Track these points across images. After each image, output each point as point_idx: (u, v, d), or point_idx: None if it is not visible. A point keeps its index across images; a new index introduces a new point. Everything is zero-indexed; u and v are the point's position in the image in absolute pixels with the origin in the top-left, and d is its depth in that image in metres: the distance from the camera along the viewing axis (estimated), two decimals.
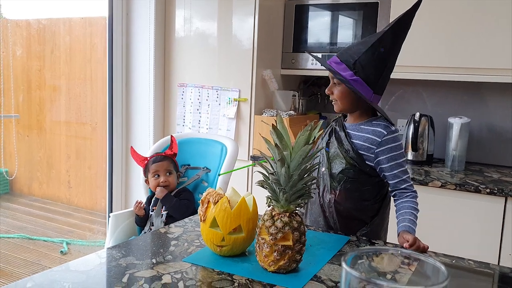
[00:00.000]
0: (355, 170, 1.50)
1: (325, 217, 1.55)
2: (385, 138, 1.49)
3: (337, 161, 1.52)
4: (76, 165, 4.71)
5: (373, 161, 1.50)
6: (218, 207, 1.19)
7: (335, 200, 1.52)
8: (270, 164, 1.15)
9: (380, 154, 1.49)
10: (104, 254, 1.21)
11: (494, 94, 2.76)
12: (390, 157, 1.49)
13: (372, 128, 1.51)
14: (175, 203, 2.04)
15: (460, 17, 2.43)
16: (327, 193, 1.53)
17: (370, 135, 1.50)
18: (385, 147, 1.49)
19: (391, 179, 1.51)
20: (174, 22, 2.99)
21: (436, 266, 0.60)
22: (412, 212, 1.48)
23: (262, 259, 1.14)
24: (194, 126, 2.96)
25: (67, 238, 3.86)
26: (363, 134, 1.52)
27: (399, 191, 1.52)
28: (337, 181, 1.51)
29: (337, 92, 1.52)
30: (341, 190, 1.51)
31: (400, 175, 1.50)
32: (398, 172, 1.50)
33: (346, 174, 1.50)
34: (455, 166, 2.59)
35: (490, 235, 2.23)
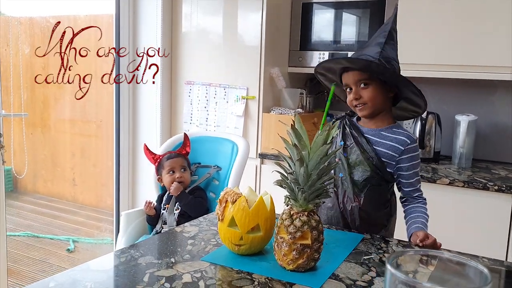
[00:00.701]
0: (378, 177, 1.51)
1: (346, 223, 1.54)
2: (408, 147, 1.50)
3: (359, 168, 1.50)
4: (81, 163, 4.72)
5: (393, 168, 1.52)
6: (236, 207, 1.20)
7: (360, 208, 1.52)
8: (288, 163, 1.16)
9: (401, 162, 1.50)
10: (123, 254, 1.22)
11: (500, 92, 2.76)
12: (410, 166, 1.51)
13: (395, 136, 1.51)
14: (190, 200, 2.05)
15: (467, 15, 2.43)
16: (349, 200, 1.52)
17: (394, 143, 1.50)
18: (407, 156, 1.50)
19: (406, 187, 1.53)
20: (181, 19, 2.99)
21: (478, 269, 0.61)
22: (423, 215, 1.50)
23: (280, 257, 1.15)
24: (202, 124, 2.97)
25: (74, 236, 3.87)
26: (387, 142, 1.51)
27: (411, 198, 1.55)
28: (360, 189, 1.51)
29: (368, 94, 1.48)
30: (366, 197, 1.51)
31: (415, 184, 1.53)
32: (414, 181, 1.53)
33: (370, 181, 1.50)
34: (462, 163, 2.60)
35: (498, 232, 2.24)
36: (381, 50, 1.46)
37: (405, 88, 1.50)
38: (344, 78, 1.53)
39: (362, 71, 1.47)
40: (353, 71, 1.49)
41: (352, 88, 1.50)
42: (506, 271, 1.25)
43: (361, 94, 1.49)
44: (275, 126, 2.71)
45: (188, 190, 2.10)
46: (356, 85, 1.49)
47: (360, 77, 1.48)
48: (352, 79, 1.50)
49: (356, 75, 1.48)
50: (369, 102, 1.48)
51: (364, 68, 1.47)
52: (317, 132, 1.15)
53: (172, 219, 2.04)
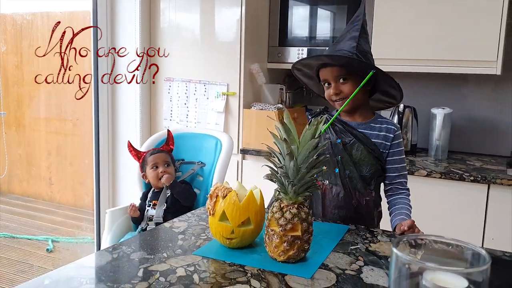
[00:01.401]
0: (380, 168, 1.56)
1: (361, 217, 1.56)
2: (396, 133, 1.57)
3: (365, 163, 1.53)
4: (57, 161, 4.65)
5: (385, 157, 1.57)
6: (227, 201, 1.22)
7: (373, 200, 1.57)
8: (277, 158, 1.19)
9: (391, 148, 1.56)
10: (116, 250, 1.23)
11: (474, 85, 2.85)
12: (397, 151, 1.57)
13: (383, 125, 1.57)
14: (183, 188, 2.09)
15: (441, 11, 2.50)
16: (361, 195, 1.55)
17: (384, 132, 1.56)
18: (395, 142, 1.56)
19: (392, 172, 1.58)
20: (159, 15, 2.98)
21: (476, 251, 0.64)
22: (408, 208, 1.55)
23: (272, 249, 1.18)
24: (182, 120, 2.97)
25: (52, 236, 3.83)
26: (378, 133, 1.56)
27: (395, 187, 1.59)
28: (368, 183, 1.55)
29: (348, 88, 1.50)
30: (375, 190, 1.57)
31: (401, 170, 1.59)
32: (400, 167, 1.58)
33: (376, 174, 1.56)
34: (439, 155, 2.67)
35: (474, 221, 2.32)
36: (356, 44, 1.48)
37: (382, 82, 1.53)
38: (322, 74, 1.55)
39: (343, 67, 1.50)
40: (331, 67, 1.51)
41: (331, 83, 1.53)
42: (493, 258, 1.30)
43: (341, 89, 1.51)
44: (256, 121, 2.73)
45: None
46: (335, 80, 1.52)
47: (339, 72, 1.50)
48: (331, 75, 1.52)
49: (335, 70, 1.51)
50: (348, 96, 1.50)
51: (345, 65, 1.50)
52: (306, 126, 1.18)
53: (160, 212, 2.04)
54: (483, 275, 0.56)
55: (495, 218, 2.29)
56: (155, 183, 2.10)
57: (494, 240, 2.30)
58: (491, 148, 2.83)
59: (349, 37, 1.51)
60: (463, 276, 0.56)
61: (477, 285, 0.55)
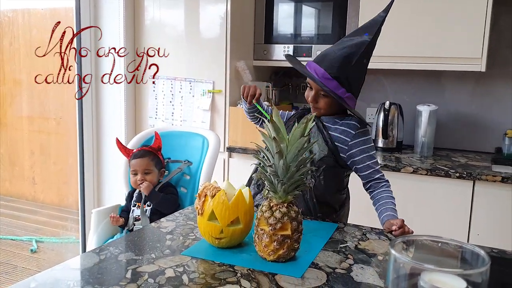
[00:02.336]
0: (332, 160, 1.57)
1: (304, 200, 1.59)
2: (358, 131, 1.58)
3: (318, 147, 1.57)
4: (41, 160, 4.58)
5: (346, 153, 1.58)
6: (216, 200, 1.20)
7: (315, 185, 1.57)
8: (266, 156, 1.18)
9: (353, 147, 1.57)
10: (103, 251, 1.21)
11: (458, 82, 2.87)
12: (362, 149, 1.57)
13: (347, 122, 1.60)
14: (161, 198, 2.03)
15: (425, 8, 2.51)
16: (309, 177, 1.57)
17: (345, 127, 1.59)
18: (358, 140, 1.57)
19: (364, 170, 1.59)
20: (143, 12, 2.95)
21: (475, 252, 0.64)
22: (391, 201, 1.55)
23: (261, 249, 1.17)
24: (168, 119, 2.95)
25: (36, 236, 3.77)
26: (338, 127, 1.59)
27: (374, 182, 1.60)
28: (317, 168, 1.56)
29: (324, 103, 1.57)
30: (321, 177, 1.57)
31: (373, 166, 1.59)
32: (371, 163, 1.58)
33: (326, 162, 1.56)
34: (424, 152, 2.69)
35: (460, 217, 2.34)
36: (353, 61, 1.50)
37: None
38: (308, 78, 1.58)
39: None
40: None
41: (313, 90, 1.57)
42: None
43: (318, 100, 1.57)
44: (242, 119, 2.72)
45: (158, 187, 2.08)
46: (316, 91, 1.57)
47: (320, 89, 1.55)
48: (316, 86, 1.56)
49: (318, 86, 1.54)
50: (323, 109, 1.58)
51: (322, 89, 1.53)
52: (295, 125, 1.17)
53: (145, 219, 2.01)
54: (482, 276, 0.56)
55: (480, 214, 2.31)
56: (136, 187, 2.07)
57: (480, 236, 2.32)
58: (476, 145, 2.85)
59: (347, 45, 1.52)
60: (462, 277, 0.55)
61: (476, 286, 0.55)
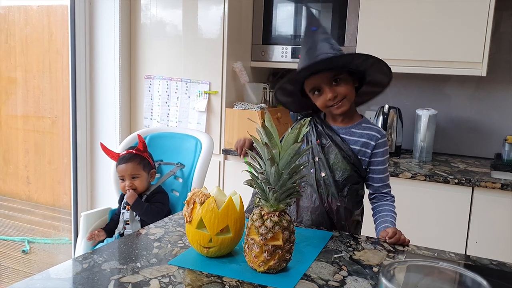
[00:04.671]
0: (356, 175, 1.51)
1: (332, 223, 1.52)
2: (379, 141, 1.51)
3: (339, 167, 1.49)
4: (35, 160, 4.53)
5: (366, 165, 1.52)
6: (205, 208, 1.15)
7: (345, 207, 1.51)
8: (258, 163, 1.13)
9: (372, 157, 1.51)
10: (86, 260, 1.16)
11: (458, 86, 2.83)
12: (381, 161, 1.52)
13: (365, 132, 1.51)
14: (146, 209, 1.94)
15: (426, 11, 2.47)
16: (334, 199, 1.50)
17: (365, 139, 1.50)
18: (379, 150, 1.51)
19: (376, 182, 1.54)
20: (140, 10, 2.90)
21: (476, 281, 0.59)
22: (392, 215, 1.51)
23: (251, 259, 1.12)
24: (163, 119, 2.90)
25: (29, 237, 3.72)
26: (358, 139, 1.51)
27: (380, 195, 1.55)
28: (341, 188, 1.49)
29: (343, 89, 1.45)
30: (348, 197, 1.50)
31: (385, 180, 1.55)
32: (384, 176, 1.54)
33: (350, 181, 1.50)
34: (423, 157, 2.64)
35: (458, 224, 2.30)
36: (332, 44, 1.45)
37: (372, 70, 1.47)
38: (310, 82, 1.48)
39: (332, 69, 1.44)
40: (321, 72, 1.44)
41: (324, 88, 1.46)
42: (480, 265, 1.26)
43: (337, 91, 1.46)
44: (239, 121, 2.67)
45: (149, 193, 2.01)
46: (328, 84, 1.45)
47: (331, 75, 1.45)
48: (324, 79, 1.45)
49: (327, 74, 1.44)
50: (347, 95, 1.46)
51: (339, 65, 1.43)
52: (288, 129, 1.12)
53: (136, 225, 1.95)
54: None
55: (479, 221, 2.27)
56: (125, 193, 2.00)
57: (478, 244, 2.28)
58: (475, 150, 2.81)
59: (321, 39, 1.45)
60: None
61: None
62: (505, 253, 2.20)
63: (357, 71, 1.48)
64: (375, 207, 1.55)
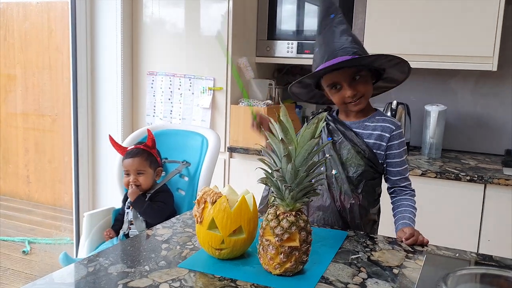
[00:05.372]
0: (372, 170, 1.44)
1: (345, 222, 1.46)
2: (394, 133, 1.45)
3: (352, 163, 1.43)
4: (36, 158, 4.47)
5: (382, 158, 1.46)
6: (217, 207, 1.10)
7: (360, 205, 1.44)
8: (273, 159, 1.07)
9: (388, 149, 1.45)
10: (91, 263, 1.10)
11: (467, 82, 2.76)
12: (397, 153, 1.46)
13: (379, 124, 1.46)
14: (146, 207, 1.87)
15: (434, 5, 2.41)
16: (347, 197, 1.43)
17: (379, 131, 1.44)
18: (394, 143, 1.45)
19: (394, 175, 1.48)
20: (142, 7, 2.83)
21: None
22: (411, 210, 1.45)
23: (266, 261, 1.06)
24: (166, 116, 2.84)
25: (29, 237, 3.66)
26: (372, 132, 1.45)
27: (399, 188, 1.50)
28: (355, 185, 1.43)
29: (363, 86, 1.41)
30: (363, 194, 1.44)
31: (403, 173, 1.49)
32: (402, 169, 1.48)
33: (365, 177, 1.43)
34: (432, 153, 2.59)
35: (470, 222, 2.24)
36: (352, 37, 1.40)
37: (392, 69, 1.44)
38: (330, 78, 1.42)
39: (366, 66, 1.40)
40: (343, 69, 1.39)
41: (343, 85, 1.41)
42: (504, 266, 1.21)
43: (357, 88, 1.41)
44: (244, 118, 2.61)
45: (152, 192, 1.94)
46: (349, 81, 1.40)
47: (352, 72, 1.40)
48: (344, 76, 1.40)
49: (348, 71, 1.39)
50: (365, 94, 1.43)
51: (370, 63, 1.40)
52: (304, 125, 1.07)
53: (140, 225, 1.89)
54: None
55: (491, 219, 2.21)
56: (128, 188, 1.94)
57: (491, 242, 2.22)
58: (485, 146, 2.75)
59: (341, 30, 1.40)
60: None
61: None
62: None
63: (378, 68, 1.43)
64: (394, 201, 1.49)
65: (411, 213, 1.43)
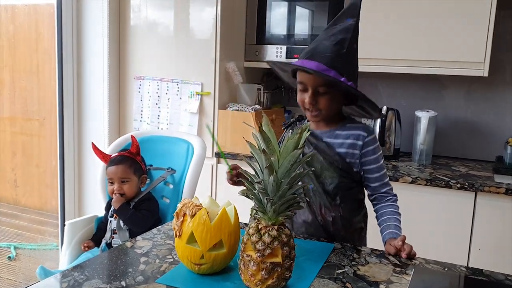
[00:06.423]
0: (348, 180, 1.40)
1: (329, 235, 1.43)
2: (366, 139, 1.40)
3: (327, 176, 1.38)
4: (23, 162, 4.40)
5: (358, 167, 1.41)
6: (196, 221, 1.05)
7: (341, 216, 1.40)
8: (255, 171, 1.03)
9: (363, 157, 1.41)
10: (65, 278, 1.05)
11: (458, 87, 2.74)
12: (373, 159, 1.41)
13: (351, 132, 1.41)
14: (131, 215, 1.83)
15: (424, 11, 2.39)
16: (328, 211, 1.39)
17: (351, 139, 1.40)
18: (368, 149, 1.40)
19: (373, 182, 1.44)
20: (129, 10, 2.79)
21: None
22: (396, 217, 1.41)
23: (247, 278, 1.02)
24: (153, 121, 2.79)
25: (15, 242, 3.59)
26: (344, 141, 1.40)
27: (380, 195, 1.45)
28: (333, 197, 1.39)
29: (325, 102, 1.35)
30: (343, 205, 1.40)
31: (383, 179, 1.44)
32: (380, 175, 1.43)
33: (342, 188, 1.39)
34: (423, 160, 2.56)
35: (461, 230, 2.22)
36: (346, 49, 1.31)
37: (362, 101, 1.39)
38: (299, 76, 1.37)
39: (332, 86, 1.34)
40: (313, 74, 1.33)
41: (309, 89, 1.35)
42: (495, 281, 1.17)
43: (318, 100, 1.35)
44: (232, 123, 2.57)
45: (136, 200, 1.89)
46: (313, 89, 1.35)
47: (319, 82, 1.33)
48: (313, 82, 1.34)
49: (317, 79, 1.33)
50: (324, 110, 1.37)
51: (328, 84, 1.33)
52: (287, 135, 1.03)
53: (123, 234, 1.84)
54: None
55: (482, 227, 2.18)
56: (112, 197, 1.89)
57: (481, 251, 2.19)
58: (476, 153, 2.73)
59: (337, 38, 1.32)
60: None
61: None
62: (509, 260, 2.12)
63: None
64: (376, 209, 1.45)
65: (395, 220, 1.39)
